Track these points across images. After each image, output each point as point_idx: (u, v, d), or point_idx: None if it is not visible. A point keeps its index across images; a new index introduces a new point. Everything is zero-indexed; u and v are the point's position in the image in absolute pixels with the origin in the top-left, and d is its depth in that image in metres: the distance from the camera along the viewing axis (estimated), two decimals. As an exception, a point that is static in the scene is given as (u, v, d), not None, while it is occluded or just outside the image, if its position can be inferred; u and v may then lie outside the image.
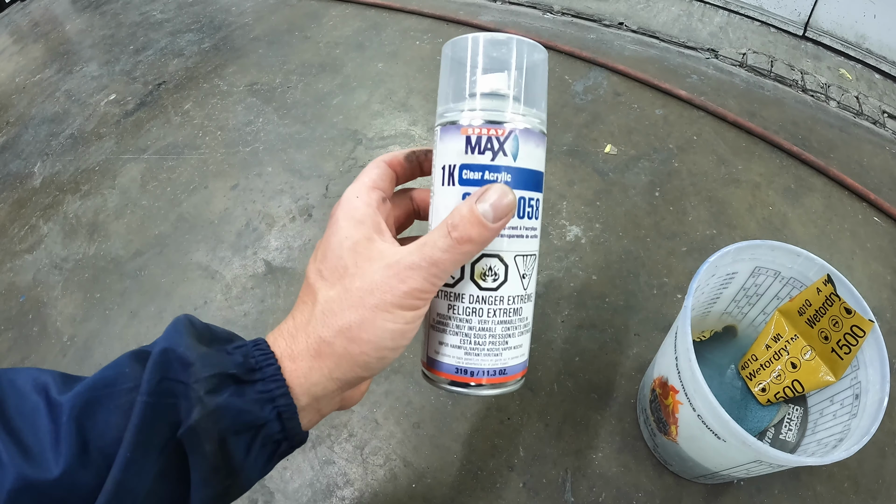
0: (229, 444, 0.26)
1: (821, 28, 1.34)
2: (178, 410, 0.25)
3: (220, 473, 0.26)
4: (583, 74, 1.18)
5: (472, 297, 0.31)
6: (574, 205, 0.93)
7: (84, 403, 0.25)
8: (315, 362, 0.28)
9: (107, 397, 0.25)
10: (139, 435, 0.24)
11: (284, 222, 0.95)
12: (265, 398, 0.27)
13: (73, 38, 1.63)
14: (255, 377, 0.28)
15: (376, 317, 0.28)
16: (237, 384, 0.27)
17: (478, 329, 0.32)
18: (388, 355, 0.29)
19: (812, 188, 0.96)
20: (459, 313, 0.31)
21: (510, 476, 0.66)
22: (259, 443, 0.28)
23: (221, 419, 0.26)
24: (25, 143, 1.25)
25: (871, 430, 0.47)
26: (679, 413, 0.55)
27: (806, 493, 0.65)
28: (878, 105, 1.17)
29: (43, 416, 0.25)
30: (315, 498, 0.66)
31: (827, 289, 0.57)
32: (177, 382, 0.26)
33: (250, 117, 1.17)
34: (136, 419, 0.24)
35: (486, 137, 0.29)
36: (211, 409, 0.26)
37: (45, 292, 0.93)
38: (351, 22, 1.41)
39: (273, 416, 0.27)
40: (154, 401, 0.25)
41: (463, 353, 0.32)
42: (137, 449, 0.24)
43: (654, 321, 0.79)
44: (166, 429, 0.25)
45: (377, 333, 0.28)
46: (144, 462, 0.24)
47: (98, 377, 0.26)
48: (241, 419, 0.26)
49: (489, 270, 0.31)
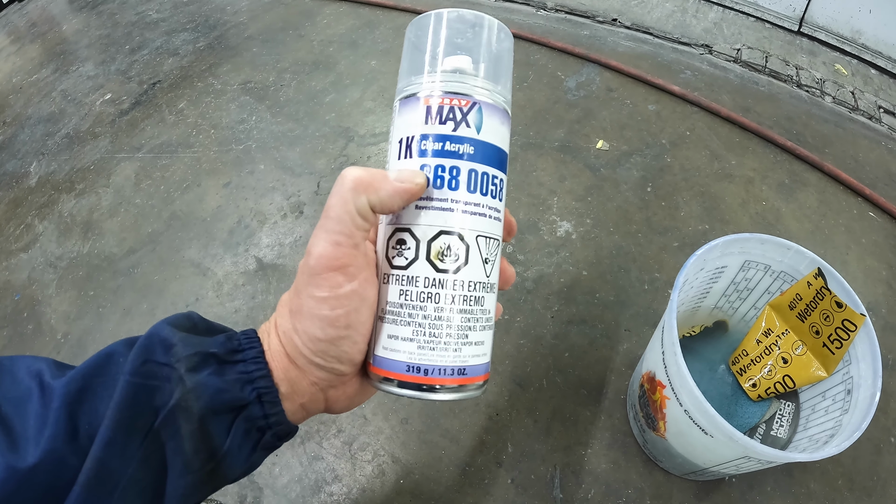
0: (209, 424, 0.26)
1: (816, 23, 1.33)
2: (161, 393, 0.26)
3: (200, 456, 0.26)
4: (575, 70, 1.18)
5: (427, 281, 0.28)
6: (565, 200, 0.93)
7: (77, 390, 0.25)
8: (287, 356, 0.29)
9: (99, 385, 0.26)
10: (120, 413, 0.24)
11: (276, 219, 0.95)
12: (245, 379, 0.27)
13: (69, 38, 1.63)
14: (236, 358, 0.28)
15: (301, 294, 0.27)
16: (218, 364, 0.27)
17: (433, 318, 0.28)
18: (320, 336, 0.27)
19: (806, 183, 0.95)
20: (412, 299, 0.28)
21: (498, 472, 0.66)
22: (241, 427, 0.27)
23: (200, 397, 0.26)
24: (22, 142, 1.26)
25: (863, 425, 0.46)
26: (667, 408, 0.55)
27: (799, 491, 0.64)
28: (873, 100, 1.17)
29: (34, 402, 0.25)
30: (303, 494, 0.66)
31: (818, 283, 0.57)
32: (160, 364, 0.26)
33: (243, 115, 1.16)
34: (117, 397, 0.25)
35: (447, 107, 0.28)
36: (190, 388, 0.26)
37: (40, 290, 0.94)
38: (345, 20, 1.41)
39: (253, 398, 0.27)
40: (137, 381, 0.25)
41: (416, 346, 0.28)
42: (119, 429, 0.24)
43: (645, 317, 0.78)
44: (149, 413, 0.25)
45: (304, 313, 0.27)
46: (126, 444, 0.24)
47: (91, 364, 0.26)
48: (220, 398, 0.26)
49: (447, 250, 0.28)
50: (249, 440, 0.28)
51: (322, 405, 0.31)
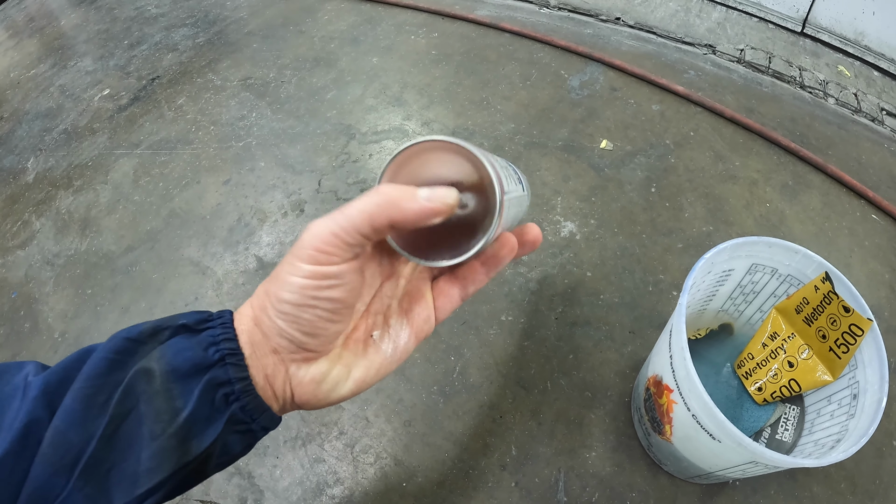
0: (172, 386, 0.27)
1: (819, 25, 1.33)
2: (127, 365, 0.27)
3: (163, 419, 0.26)
4: (579, 69, 1.17)
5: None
6: (569, 200, 0.92)
7: (56, 382, 0.26)
8: (254, 321, 0.30)
9: (77, 374, 0.26)
10: (85, 383, 0.25)
11: (276, 217, 0.95)
12: (210, 341, 0.28)
13: (68, 33, 1.62)
14: (204, 326, 0.29)
15: (281, 268, 0.28)
16: (187, 332, 0.28)
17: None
18: (287, 310, 0.28)
19: (810, 185, 0.95)
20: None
21: (502, 475, 0.66)
22: (207, 391, 0.27)
23: (162, 358, 0.27)
24: (19, 138, 1.24)
25: (870, 431, 0.46)
26: (673, 412, 0.54)
27: (802, 494, 0.64)
28: (876, 102, 1.17)
29: (17, 399, 0.26)
30: (305, 496, 0.66)
31: (825, 286, 0.56)
32: (130, 340, 0.27)
33: (243, 112, 1.15)
34: (85, 370, 0.26)
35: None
36: (157, 353, 0.27)
37: (37, 288, 0.93)
38: (346, 16, 1.40)
39: (216, 358, 0.28)
40: (106, 356, 0.26)
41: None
42: (81, 399, 0.25)
43: (650, 318, 0.78)
44: (114, 386, 0.26)
45: (278, 283, 0.28)
46: (86, 416, 0.25)
47: (72, 357, 0.27)
48: (182, 356, 0.27)
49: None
50: (217, 411, 0.28)
51: (286, 386, 0.30)
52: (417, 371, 0.74)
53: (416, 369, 0.75)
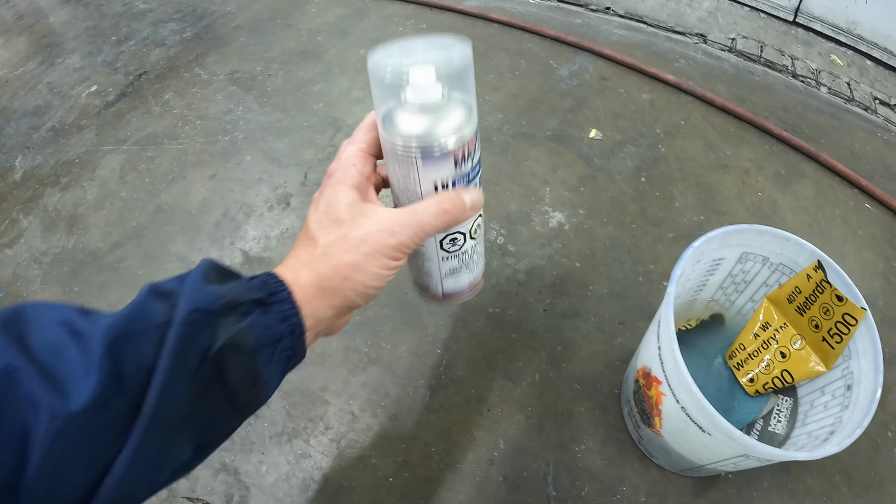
0: (257, 357, 0.31)
1: (812, 14, 1.32)
2: (210, 336, 0.29)
3: (245, 387, 0.30)
4: (568, 59, 1.16)
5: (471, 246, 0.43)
6: (558, 191, 0.91)
7: (118, 337, 0.27)
8: (318, 291, 0.34)
9: (139, 332, 0.28)
10: (174, 361, 0.27)
11: (262, 211, 0.93)
12: (282, 316, 0.32)
13: (56, 30, 1.60)
14: (274, 299, 0.33)
15: (367, 261, 0.34)
16: (262, 306, 0.32)
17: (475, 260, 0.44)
18: (371, 293, 0.36)
19: (803, 174, 0.94)
20: (466, 259, 0.43)
21: (490, 469, 0.65)
22: (276, 356, 0.32)
23: (251, 333, 0.30)
24: (7, 136, 1.23)
25: (864, 422, 0.45)
26: (663, 405, 0.53)
27: (796, 487, 0.63)
28: (869, 91, 1.16)
29: (72, 349, 0.26)
30: (291, 492, 0.65)
31: (817, 275, 0.55)
32: (206, 313, 0.29)
33: (230, 106, 1.14)
34: (170, 347, 0.27)
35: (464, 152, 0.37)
36: (243, 327, 0.30)
37: (25, 287, 0.92)
38: (334, 9, 1.39)
39: (287, 332, 0.32)
40: (187, 329, 0.28)
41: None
42: (174, 374, 0.27)
43: (640, 309, 0.77)
44: (198, 354, 0.28)
45: (365, 274, 0.34)
46: (178, 387, 0.27)
47: (126, 314, 0.28)
48: (266, 333, 0.31)
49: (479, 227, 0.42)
50: (279, 369, 0.33)
51: (326, 330, 0.38)
52: (404, 365, 0.73)
53: (402, 363, 0.74)
